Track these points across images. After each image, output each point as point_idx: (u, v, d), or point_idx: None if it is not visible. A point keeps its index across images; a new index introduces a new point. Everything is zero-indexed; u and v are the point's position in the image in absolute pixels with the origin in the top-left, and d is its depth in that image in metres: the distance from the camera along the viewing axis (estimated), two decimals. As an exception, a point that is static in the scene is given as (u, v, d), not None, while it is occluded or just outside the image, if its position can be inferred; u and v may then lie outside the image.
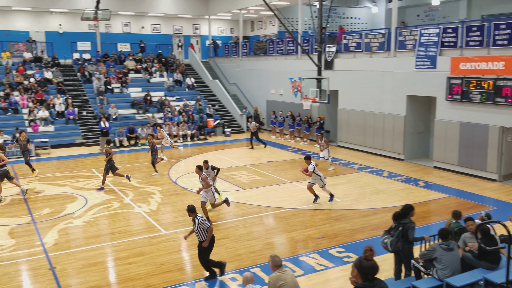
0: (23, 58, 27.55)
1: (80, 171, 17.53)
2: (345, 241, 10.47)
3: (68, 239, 10.82)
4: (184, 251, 10.22)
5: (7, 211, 12.85)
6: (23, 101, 23.93)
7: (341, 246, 10.22)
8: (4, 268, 9.29)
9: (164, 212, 12.79)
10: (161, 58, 31.23)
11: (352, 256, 9.60)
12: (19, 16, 29.78)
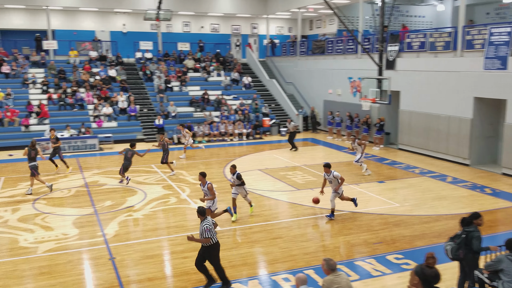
0: (89, 57, 29.09)
1: (140, 166, 18.24)
2: (404, 248, 10.14)
3: (128, 231, 11.29)
4: (238, 248, 10.34)
5: (72, 202, 13.63)
6: (89, 97, 25.27)
7: (400, 252, 9.90)
8: (68, 256, 9.86)
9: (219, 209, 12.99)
10: (219, 57, 31.79)
11: (411, 263, 9.27)
12: (86, 16, 31.48)
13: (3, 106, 23.15)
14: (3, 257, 9.76)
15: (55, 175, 16.88)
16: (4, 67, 25.98)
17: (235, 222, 11.84)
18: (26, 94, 24.83)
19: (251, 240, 10.68)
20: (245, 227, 11.51)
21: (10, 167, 18.22)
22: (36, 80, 25.81)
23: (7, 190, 14.79)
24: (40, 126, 22.71)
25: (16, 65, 26.51)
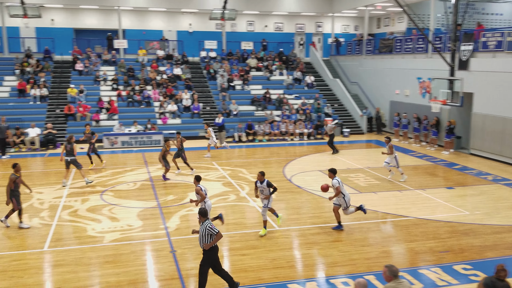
0: (157, 56, 30.24)
1: (202, 163, 18.68)
2: (473, 258, 9.59)
3: (188, 226, 11.61)
4: (296, 249, 10.29)
5: (137, 195, 14.24)
6: (155, 95, 26.28)
7: (468, 262, 9.38)
8: (132, 246, 10.31)
9: (277, 209, 12.98)
10: (282, 56, 31.84)
11: (480, 275, 8.76)
12: (154, 16, 32.77)
13: (76, 101, 24.67)
14: (72, 245, 10.39)
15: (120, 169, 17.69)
16: (78, 64, 27.67)
17: (293, 222, 11.80)
18: (97, 91, 26.29)
19: (310, 242, 10.59)
20: (303, 228, 11.44)
21: (81, 160, 19.23)
22: (107, 78, 27.24)
23: (77, 182, 15.73)
24: (109, 121, 23.96)
25: (89, 63, 28.13)
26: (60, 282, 8.63)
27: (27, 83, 25.24)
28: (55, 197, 13.94)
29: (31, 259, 9.59)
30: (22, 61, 27.00)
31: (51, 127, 22.04)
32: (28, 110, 24.12)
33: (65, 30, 31.06)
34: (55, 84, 26.33)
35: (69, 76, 27.32)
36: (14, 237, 10.80)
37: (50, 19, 30.65)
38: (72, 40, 30.68)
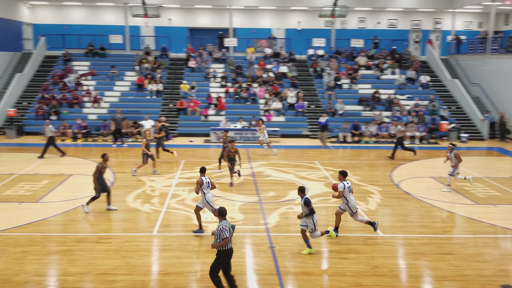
0: (264, 54, 30.88)
1: (304, 162, 18.68)
2: None
3: (288, 223, 11.68)
4: (401, 258, 9.81)
5: (240, 189, 14.69)
6: (261, 92, 26.87)
7: None
8: (233, 239, 10.60)
9: (383, 215, 12.54)
10: (395, 55, 30.54)
11: None
12: (264, 15, 33.51)
13: (187, 97, 26.18)
14: (178, 231, 11.05)
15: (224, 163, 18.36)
16: (191, 62, 29.34)
17: (398, 230, 11.26)
18: (207, 87, 27.63)
19: (416, 252, 10.02)
20: (410, 237, 10.85)
21: (190, 152, 20.51)
22: (217, 75, 28.49)
23: (185, 172, 16.68)
24: (217, 117, 25.05)
25: (201, 60, 29.67)
26: (166, 265, 9.22)
27: (145, 79, 27.39)
28: (165, 185, 14.94)
29: (141, 242, 10.38)
30: (141, 58, 29.37)
31: (164, 120, 23.63)
32: (144, 103, 26.19)
33: (181, 29, 33.15)
34: (169, 80, 28.22)
35: (182, 72, 29.09)
36: (128, 220, 11.78)
37: (167, 18, 32.91)
38: (187, 39, 32.65)
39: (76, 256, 9.56)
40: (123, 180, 15.50)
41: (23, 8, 31.40)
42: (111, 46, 30.90)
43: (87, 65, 29.18)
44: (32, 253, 9.64)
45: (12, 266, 9.08)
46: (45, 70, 28.93)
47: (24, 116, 24.78)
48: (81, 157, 18.96)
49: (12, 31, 29.83)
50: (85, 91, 26.27)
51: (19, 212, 12.16)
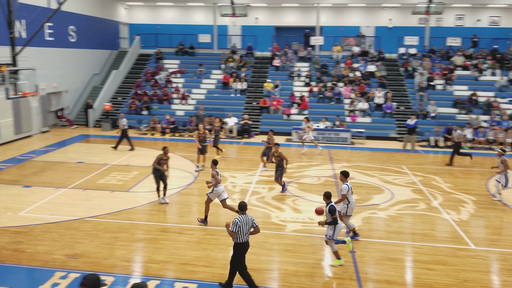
0: (352, 52, 30.26)
1: (391, 165, 18.02)
2: None
3: (370, 229, 11.34)
4: (495, 273, 9.09)
5: (320, 190, 14.46)
6: (346, 92, 26.36)
7: None
8: (312, 239, 10.57)
9: (477, 226, 11.72)
10: (496, 54, 28.40)
11: None
12: (353, 12, 32.80)
13: (271, 95, 26.42)
14: (257, 228, 11.17)
15: (306, 163, 18.28)
16: (275, 60, 29.57)
17: (492, 244, 10.45)
18: (290, 86, 27.68)
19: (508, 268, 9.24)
20: (505, 252, 10.03)
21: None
22: (301, 74, 28.43)
23: (266, 170, 16.82)
24: (299, 116, 25.00)
25: (285, 59, 29.79)
26: (244, 261, 9.37)
27: (230, 77, 28.09)
28: (246, 182, 15.21)
29: (221, 236, 10.65)
30: (227, 57, 30.15)
31: (247, 118, 24.12)
32: (229, 101, 26.87)
33: (267, 28, 33.53)
34: (254, 78, 28.68)
35: (266, 71, 29.42)
36: (210, 213, 12.14)
37: (254, 17, 33.44)
38: (272, 37, 32.97)
39: (160, 245, 10.05)
40: (206, 174, 16.01)
41: (121, 9, 33.66)
42: (200, 45, 32.11)
43: (177, 63, 30.58)
44: (121, 239, 10.30)
45: (102, 250, 9.76)
46: (139, 67, 30.79)
47: (118, 111, 26.55)
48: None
49: (110, 30, 32.10)
50: (174, 88, 27.54)
51: (110, 200, 13.05)
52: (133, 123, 25.07)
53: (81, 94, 28.13)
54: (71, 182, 14.76)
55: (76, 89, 27.58)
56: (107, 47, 31.50)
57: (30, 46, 18.92)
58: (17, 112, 21.36)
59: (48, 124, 24.68)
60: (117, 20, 32.98)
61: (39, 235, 10.45)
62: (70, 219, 11.49)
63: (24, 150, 19.54)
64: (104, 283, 5.24)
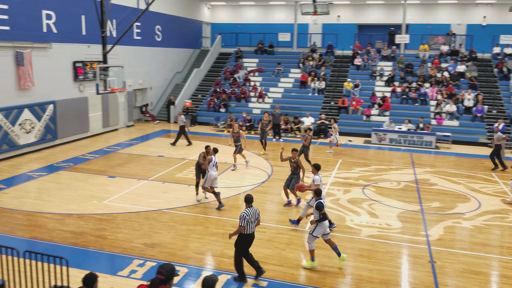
0: (440, 51, 28.81)
1: (478, 173, 16.94)
2: None
3: (453, 238, 10.74)
4: None
5: (400, 195, 14.00)
6: (433, 93, 25.15)
7: None
8: (388, 246, 10.22)
9: None
10: None
11: None
12: (443, 9, 31.18)
13: (350, 95, 25.91)
14: (331, 231, 11.00)
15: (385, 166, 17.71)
16: (357, 59, 28.94)
17: None
18: (372, 86, 26.95)
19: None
20: None
21: (348, 151, 20.28)
22: (383, 73, 27.58)
23: (342, 172, 16.55)
24: (380, 117, 24.27)
25: (367, 58, 29.05)
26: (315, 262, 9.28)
27: (309, 76, 27.95)
28: (320, 183, 15.05)
29: (293, 236, 10.64)
30: (307, 56, 30.03)
31: (324, 117, 23.86)
32: (306, 100, 26.75)
33: (349, 26, 32.92)
34: (333, 77, 28.30)
35: (347, 70, 28.90)
36: (282, 213, 12.19)
37: (336, 15, 32.98)
38: (354, 36, 32.32)
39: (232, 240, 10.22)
40: (280, 173, 16.08)
41: (205, 9, 34.78)
42: (279, 43, 32.29)
43: (255, 62, 31.00)
44: (195, 232, 10.65)
45: (178, 241, 10.16)
46: (219, 66, 31.64)
47: (198, 108, 27.47)
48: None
49: (194, 30, 33.28)
50: (252, 87, 27.95)
51: (187, 194, 13.53)
52: (210, 120, 25.80)
53: (164, 91, 29.46)
54: (152, 174, 15.52)
55: (159, 86, 28.94)
56: (190, 46, 32.71)
57: (119, 44, 20.14)
58: (106, 107, 22.84)
59: (133, 119, 26.16)
60: (200, 20, 34.12)
61: (121, 223, 11.10)
62: (149, 210, 12.08)
63: (110, 142, 20.86)
64: (177, 273, 5.45)
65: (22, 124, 17.53)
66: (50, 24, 18.79)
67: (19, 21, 17.19)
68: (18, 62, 17.13)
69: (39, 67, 18.23)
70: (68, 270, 6.79)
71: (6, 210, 11.81)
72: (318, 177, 10.99)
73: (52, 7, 18.83)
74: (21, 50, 17.17)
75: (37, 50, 18.14)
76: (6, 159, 16.97)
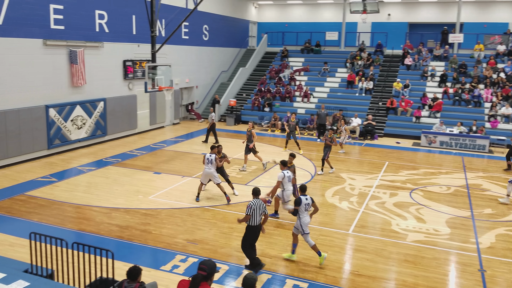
0: (496, 51, 27.62)
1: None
2: None
3: (506, 247, 10.26)
4: None
5: (449, 200, 13.53)
6: (487, 95, 24.14)
7: None
8: (435, 252, 9.90)
9: None
10: None
11: None
12: (500, 7, 29.83)
13: (399, 96, 25.29)
14: (375, 234, 10.81)
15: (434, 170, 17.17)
16: (407, 59, 28.20)
17: None
18: (422, 87, 26.19)
19: None
20: None
21: (395, 153, 19.82)
22: (435, 73, 26.74)
23: (388, 175, 16.18)
24: (430, 119, 23.54)
25: (418, 57, 28.24)
26: (358, 266, 9.13)
27: (356, 75, 27.51)
28: (365, 185, 14.79)
29: (336, 238, 10.51)
30: (354, 55, 29.57)
31: (371, 118, 23.41)
32: (352, 100, 26.34)
33: (400, 25, 32.14)
34: (381, 77, 27.72)
35: (396, 70, 28.23)
36: (325, 214, 12.06)
37: (387, 14, 32.29)
38: (405, 34, 31.51)
39: (274, 240, 10.26)
40: (324, 174, 15.92)
41: (252, 8, 34.97)
42: (327, 42, 31.98)
43: (301, 61, 30.85)
44: (237, 230, 10.72)
45: (219, 239, 10.27)
46: (264, 65, 31.73)
47: (242, 107, 27.67)
48: (289, 148, 20.17)
49: (240, 29, 33.54)
50: (297, 86, 27.83)
51: (229, 192, 13.63)
52: (254, 119, 25.91)
53: (210, 89, 29.87)
54: (196, 171, 15.78)
55: (205, 84, 29.36)
56: (236, 45, 32.98)
57: (167, 44, 20.61)
58: (153, 104, 23.43)
59: (178, 116, 26.70)
60: (247, 19, 34.34)
61: (165, 218, 11.35)
62: (193, 207, 12.29)
63: (156, 139, 21.37)
64: (218, 270, 5.49)
65: (74, 120, 18.28)
66: (102, 23, 19.49)
67: (73, 21, 17.92)
68: (71, 60, 17.87)
69: (91, 65, 18.94)
70: (114, 263, 7.01)
71: (57, 203, 12.35)
72: (282, 174, 11.29)
73: (105, 7, 19.51)
74: (75, 49, 17.90)
75: (90, 49, 18.85)
76: (58, 154, 17.74)
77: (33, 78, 16.46)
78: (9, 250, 9.29)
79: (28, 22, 15.99)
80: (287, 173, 11.43)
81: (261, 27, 36.03)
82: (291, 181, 11.51)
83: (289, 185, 11.44)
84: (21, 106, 16.03)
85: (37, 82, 16.62)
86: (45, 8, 16.66)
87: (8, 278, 5.87)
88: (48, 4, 16.74)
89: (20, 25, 15.71)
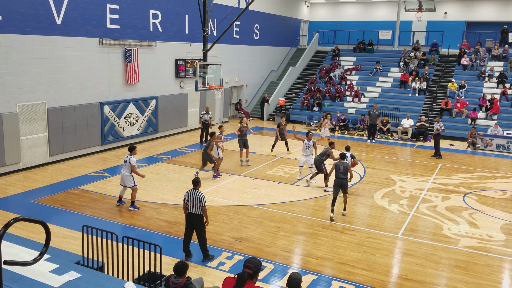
0: (562, 50, 26.06)
1: None
2: None
3: None
4: None
5: (505, 206, 12.93)
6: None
7: None
8: (488, 259, 9.50)
9: None
10: None
11: None
12: None
13: (454, 96, 24.38)
14: (425, 238, 10.50)
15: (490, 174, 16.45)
16: (463, 59, 27.14)
17: None
18: (479, 87, 25.13)
19: None
20: None
21: (449, 156, 19.14)
22: (493, 74, 25.58)
23: (441, 178, 15.65)
24: (487, 120, 22.56)
25: (476, 57, 27.11)
26: (407, 271, 8.91)
27: (410, 75, 26.78)
28: (416, 188, 14.39)
29: (384, 241, 10.30)
30: (408, 54, 28.78)
31: (424, 119, 22.72)
32: (405, 101, 25.66)
33: (457, 23, 30.99)
34: (436, 77, 26.83)
35: (452, 70, 27.24)
36: (374, 216, 11.85)
37: (443, 12, 31.22)
38: (462, 33, 30.35)
39: (320, 241, 10.19)
40: (373, 176, 15.64)
41: (303, 6, 34.81)
42: (380, 41, 31.33)
43: (352, 60, 30.39)
44: (283, 230, 10.74)
45: (266, 237, 10.32)
46: (315, 64, 31.51)
47: (291, 106, 27.61)
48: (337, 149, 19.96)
49: (291, 28, 33.47)
50: (348, 86, 27.44)
51: (276, 191, 13.69)
52: (303, 119, 25.78)
53: (259, 88, 30.01)
54: (243, 170, 15.92)
55: (255, 83, 29.54)
56: (287, 44, 32.95)
57: (218, 43, 20.89)
58: (203, 103, 23.83)
59: (228, 115, 27.00)
60: (298, 18, 34.21)
61: (212, 216, 11.53)
62: (239, 205, 12.42)
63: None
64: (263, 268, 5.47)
65: (127, 117, 18.92)
66: (156, 23, 20.05)
67: (128, 20, 18.55)
68: (126, 59, 18.50)
69: (144, 64, 19.53)
70: (162, 257, 7.20)
71: (109, 197, 12.83)
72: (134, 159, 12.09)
73: (159, 7, 20.06)
74: (129, 48, 18.52)
75: (144, 48, 19.44)
76: (111, 149, 18.42)
77: (89, 76, 17.16)
78: (62, 242, 9.73)
79: (85, 21, 16.68)
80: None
81: (312, 25, 35.80)
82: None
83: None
84: (77, 103, 16.75)
85: (92, 80, 17.31)
86: (102, 8, 17.32)
87: (60, 269, 6.12)
88: (105, 4, 17.40)
89: (78, 24, 16.43)
